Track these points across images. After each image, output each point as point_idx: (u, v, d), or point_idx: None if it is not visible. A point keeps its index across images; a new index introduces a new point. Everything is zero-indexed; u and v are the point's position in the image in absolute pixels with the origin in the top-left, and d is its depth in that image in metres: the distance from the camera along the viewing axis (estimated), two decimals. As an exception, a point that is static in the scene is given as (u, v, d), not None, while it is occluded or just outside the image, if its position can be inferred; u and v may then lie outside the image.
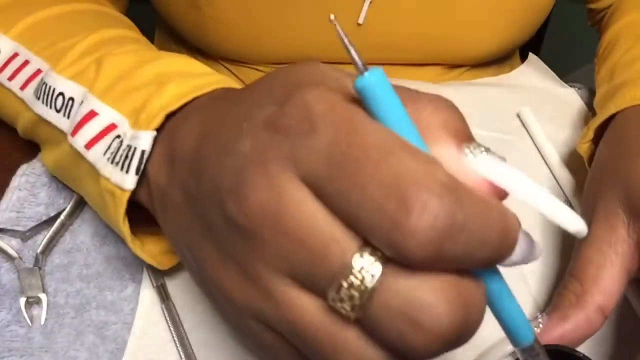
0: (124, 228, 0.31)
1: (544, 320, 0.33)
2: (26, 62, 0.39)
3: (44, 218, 0.40)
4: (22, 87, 0.38)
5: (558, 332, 0.33)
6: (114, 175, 0.31)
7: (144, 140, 0.29)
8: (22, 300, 0.36)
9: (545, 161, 0.49)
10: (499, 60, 0.64)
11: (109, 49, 0.36)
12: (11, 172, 0.43)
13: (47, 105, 0.36)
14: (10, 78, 0.39)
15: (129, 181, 0.30)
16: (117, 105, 0.32)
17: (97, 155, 0.32)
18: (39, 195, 0.42)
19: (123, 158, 0.30)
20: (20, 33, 0.40)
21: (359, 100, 0.20)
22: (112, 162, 0.31)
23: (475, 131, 0.22)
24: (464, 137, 0.21)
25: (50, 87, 0.36)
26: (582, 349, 0.33)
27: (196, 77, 0.32)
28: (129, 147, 0.30)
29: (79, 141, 0.33)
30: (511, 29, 0.58)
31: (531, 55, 0.61)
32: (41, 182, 0.42)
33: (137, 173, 0.30)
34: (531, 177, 0.21)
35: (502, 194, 0.20)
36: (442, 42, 0.57)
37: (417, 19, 0.55)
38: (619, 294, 0.34)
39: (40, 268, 0.38)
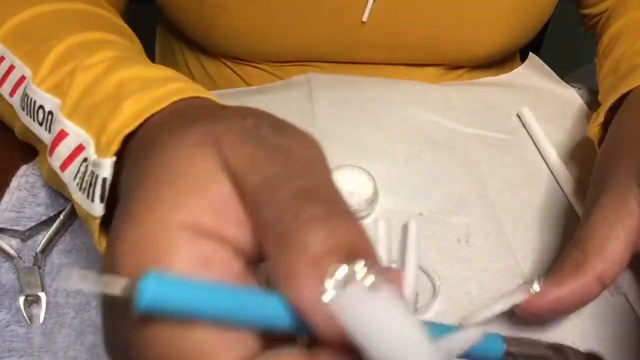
0: (102, 250, 0.31)
1: (541, 284, 0.33)
2: (12, 68, 0.38)
3: (44, 218, 0.40)
4: (11, 94, 0.38)
5: (554, 295, 0.33)
6: (83, 203, 0.30)
7: (104, 168, 0.29)
8: (21, 298, 0.36)
9: (545, 161, 0.49)
10: (499, 62, 0.64)
11: (82, 58, 0.35)
12: (11, 172, 0.43)
13: (31, 117, 0.36)
14: (0, 83, 0.39)
15: (96, 209, 0.30)
16: (83, 124, 0.32)
17: (69, 179, 0.32)
18: (39, 195, 0.42)
19: (88, 185, 0.30)
20: (5, 35, 0.40)
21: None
22: (80, 189, 0.31)
23: (475, 131, 0.21)
24: (337, 258, 0.18)
25: (31, 99, 0.35)
26: (582, 348, 0.33)
27: (156, 86, 0.31)
28: (92, 173, 0.30)
29: (55, 162, 0.33)
30: (513, 31, 0.58)
31: (531, 55, 0.61)
32: (41, 182, 0.42)
33: (102, 201, 0.29)
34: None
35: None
36: (444, 42, 0.57)
37: (420, 18, 0.55)
38: (621, 266, 0.33)
39: (39, 267, 0.38)
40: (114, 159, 0.29)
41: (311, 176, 0.20)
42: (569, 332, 0.37)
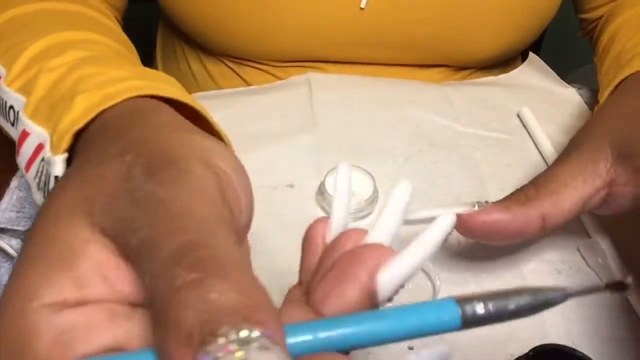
0: None
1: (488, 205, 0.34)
2: None
3: (44, 218, 0.40)
4: None
5: (494, 217, 0.33)
6: (41, 203, 0.30)
7: (56, 166, 0.28)
8: (22, 300, 0.36)
9: (545, 161, 0.49)
10: (503, 63, 0.64)
11: (49, 59, 0.34)
12: (11, 172, 0.43)
13: (4, 117, 0.35)
14: None
15: None
16: (43, 123, 0.31)
17: (31, 179, 0.31)
18: (39, 195, 0.42)
19: (44, 184, 0.30)
20: None
21: None
22: (38, 189, 0.30)
23: (475, 131, 0.21)
24: (209, 329, 0.16)
25: (3, 99, 0.35)
26: (582, 349, 0.33)
27: (112, 82, 0.30)
28: (47, 172, 0.29)
29: (21, 163, 0.32)
30: (517, 31, 0.58)
31: (531, 55, 0.61)
32: (41, 182, 0.42)
33: None
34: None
35: None
36: (446, 41, 0.57)
37: (420, 12, 0.55)
38: (567, 217, 0.34)
39: (40, 268, 0.38)
40: (65, 155, 0.28)
41: (188, 229, 0.19)
42: (569, 332, 0.37)
